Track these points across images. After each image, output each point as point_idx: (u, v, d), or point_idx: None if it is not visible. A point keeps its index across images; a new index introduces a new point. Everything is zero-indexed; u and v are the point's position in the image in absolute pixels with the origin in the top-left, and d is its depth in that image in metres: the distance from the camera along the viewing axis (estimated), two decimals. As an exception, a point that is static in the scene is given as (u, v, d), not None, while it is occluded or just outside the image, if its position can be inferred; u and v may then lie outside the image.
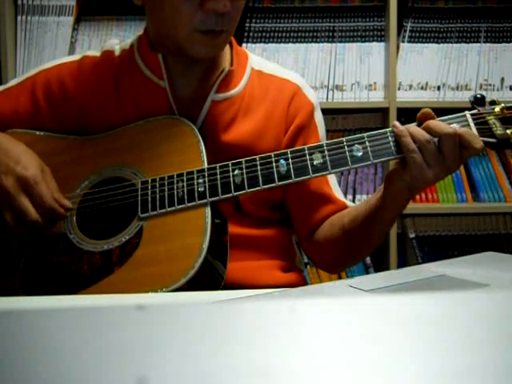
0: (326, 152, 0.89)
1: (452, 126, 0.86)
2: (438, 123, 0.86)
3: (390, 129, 0.90)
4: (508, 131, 0.89)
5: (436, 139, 0.85)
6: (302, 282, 1.06)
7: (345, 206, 1.05)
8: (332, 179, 1.06)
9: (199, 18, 0.90)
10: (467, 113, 0.90)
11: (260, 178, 0.89)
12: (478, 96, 0.92)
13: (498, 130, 0.89)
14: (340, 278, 1.89)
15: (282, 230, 1.05)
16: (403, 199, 0.91)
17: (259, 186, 0.89)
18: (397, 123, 0.89)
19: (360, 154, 0.88)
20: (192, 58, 0.97)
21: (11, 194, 0.90)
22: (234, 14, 0.92)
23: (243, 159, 0.91)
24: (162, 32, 0.97)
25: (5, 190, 0.90)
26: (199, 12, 0.89)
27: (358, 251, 1.05)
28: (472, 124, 0.89)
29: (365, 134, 0.89)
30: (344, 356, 0.22)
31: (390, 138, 0.88)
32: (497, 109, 0.90)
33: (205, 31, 0.91)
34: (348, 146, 0.89)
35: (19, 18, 1.86)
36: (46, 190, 0.91)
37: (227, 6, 0.89)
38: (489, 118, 0.90)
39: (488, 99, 0.92)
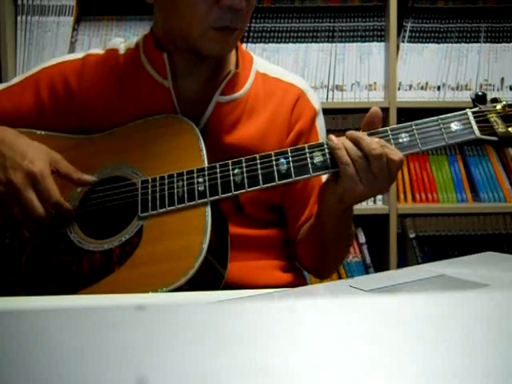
0: (326, 150, 0.88)
1: (377, 141, 0.85)
2: (368, 142, 0.84)
3: (390, 127, 0.89)
4: (510, 129, 0.88)
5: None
6: (302, 282, 1.06)
7: None
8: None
9: (215, 14, 0.90)
10: (468, 110, 0.89)
11: (260, 176, 0.89)
12: (480, 93, 0.91)
13: (500, 127, 0.88)
14: (340, 278, 1.89)
15: (283, 231, 1.05)
16: (337, 210, 0.90)
17: (259, 184, 0.89)
18: (332, 136, 0.88)
19: None
20: (200, 57, 0.97)
21: (19, 190, 0.89)
22: (247, 12, 0.93)
23: (243, 158, 0.91)
24: (173, 30, 0.96)
25: (13, 185, 0.90)
26: (215, 8, 0.89)
27: (324, 255, 1.01)
28: (473, 122, 0.88)
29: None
30: (344, 356, 0.22)
31: (390, 136, 0.88)
32: (498, 106, 0.90)
33: (219, 28, 0.91)
34: None
35: (19, 18, 1.86)
36: (53, 185, 0.91)
37: (243, 2, 0.89)
38: (490, 115, 0.89)
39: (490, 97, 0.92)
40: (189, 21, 0.91)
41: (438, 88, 1.91)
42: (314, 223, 0.98)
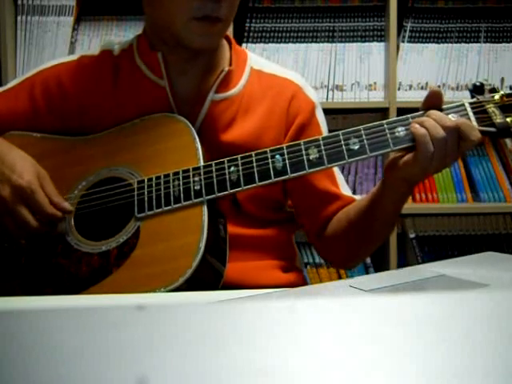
0: (322, 146, 0.88)
1: (451, 116, 0.84)
2: (440, 116, 0.84)
3: (386, 120, 0.89)
4: (508, 119, 0.86)
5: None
6: (302, 282, 1.06)
7: (352, 201, 1.05)
8: (339, 176, 1.06)
9: (196, 4, 0.90)
10: (465, 101, 0.88)
11: (256, 174, 0.88)
12: (477, 84, 0.89)
13: (498, 118, 0.86)
14: (340, 277, 1.89)
15: (282, 230, 1.05)
16: (402, 189, 0.91)
17: (255, 182, 0.88)
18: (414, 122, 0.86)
19: (357, 147, 0.87)
20: (191, 52, 0.97)
21: (9, 205, 0.90)
22: (230, 2, 0.93)
23: (239, 156, 0.90)
24: (160, 25, 0.97)
25: (3, 200, 0.90)
26: None
27: (366, 242, 1.03)
28: (471, 113, 0.87)
29: (361, 127, 0.88)
30: (344, 356, 0.22)
31: (387, 131, 0.87)
32: (496, 96, 0.88)
33: (201, 18, 0.91)
34: (344, 139, 0.88)
35: (19, 18, 1.86)
36: (43, 198, 0.91)
37: None
38: (488, 106, 0.87)
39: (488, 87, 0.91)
40: (171, 12, 0.92)
41: (438, 88, 1.91)
42: (363, 211, 0.97)
